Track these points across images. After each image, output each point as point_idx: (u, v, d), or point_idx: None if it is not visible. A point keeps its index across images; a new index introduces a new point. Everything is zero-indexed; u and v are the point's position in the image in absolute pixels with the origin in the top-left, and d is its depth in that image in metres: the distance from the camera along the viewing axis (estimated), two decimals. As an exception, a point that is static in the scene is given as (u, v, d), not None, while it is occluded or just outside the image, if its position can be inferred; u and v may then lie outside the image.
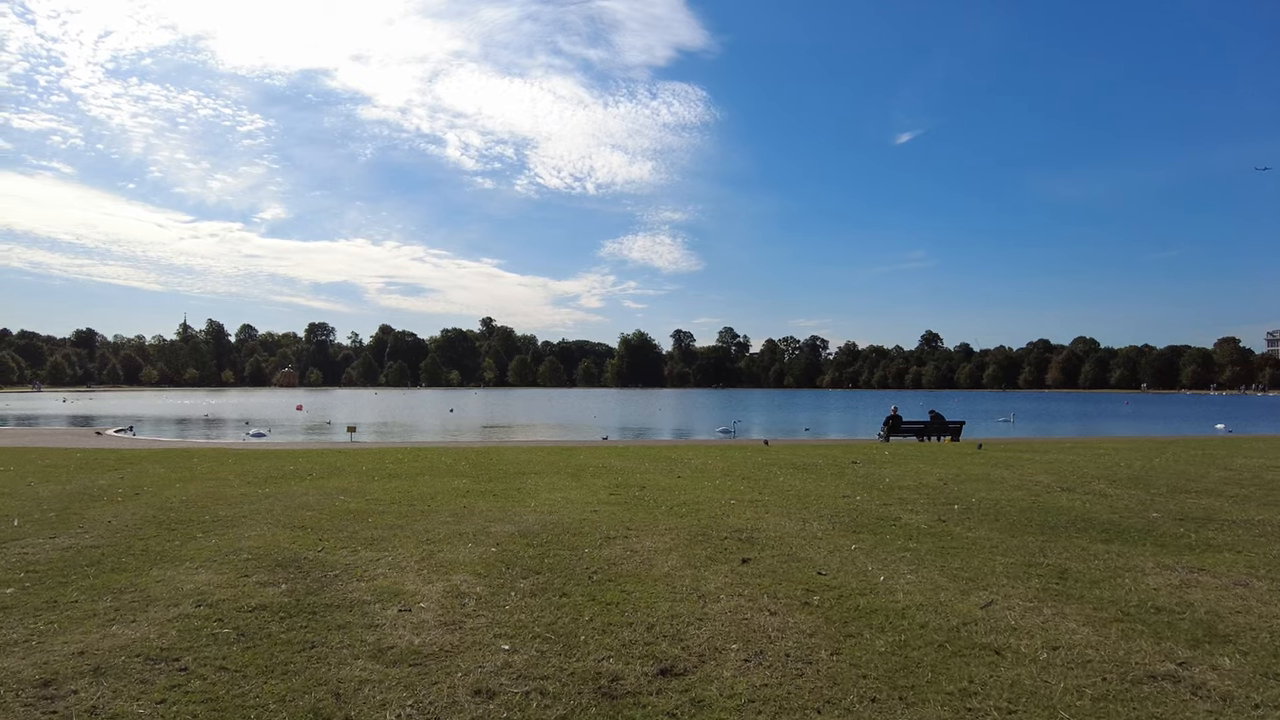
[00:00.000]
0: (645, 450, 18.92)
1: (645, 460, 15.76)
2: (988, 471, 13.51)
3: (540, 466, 14.30)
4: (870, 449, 19.66)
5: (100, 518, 8.63)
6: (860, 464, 14.94)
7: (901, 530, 8.04)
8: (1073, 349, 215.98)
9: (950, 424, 28.31)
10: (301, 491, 10.77)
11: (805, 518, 8.70)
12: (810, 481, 12.02)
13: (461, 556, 6.71)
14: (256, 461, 15.28)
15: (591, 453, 17.83)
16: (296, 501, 9.81)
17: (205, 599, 5.43)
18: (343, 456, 16.82)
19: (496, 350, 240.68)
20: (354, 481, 11.95)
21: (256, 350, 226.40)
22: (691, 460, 15.75)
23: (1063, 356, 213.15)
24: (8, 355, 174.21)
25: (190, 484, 11.67)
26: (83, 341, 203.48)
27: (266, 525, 8.18)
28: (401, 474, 13.01)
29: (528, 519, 8.52)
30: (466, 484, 11.67)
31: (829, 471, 13.51)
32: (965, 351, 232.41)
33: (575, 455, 17.05)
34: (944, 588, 5.82)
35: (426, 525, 8.17)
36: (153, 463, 15.01)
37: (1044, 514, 9.06)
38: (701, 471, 13.51)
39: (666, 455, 17.14)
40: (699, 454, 17.51)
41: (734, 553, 6.92)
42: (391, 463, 15.14)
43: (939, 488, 11.34)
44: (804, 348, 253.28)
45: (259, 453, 18.00)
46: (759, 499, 10.08)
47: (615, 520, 8.44)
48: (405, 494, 10.51)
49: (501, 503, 9.77)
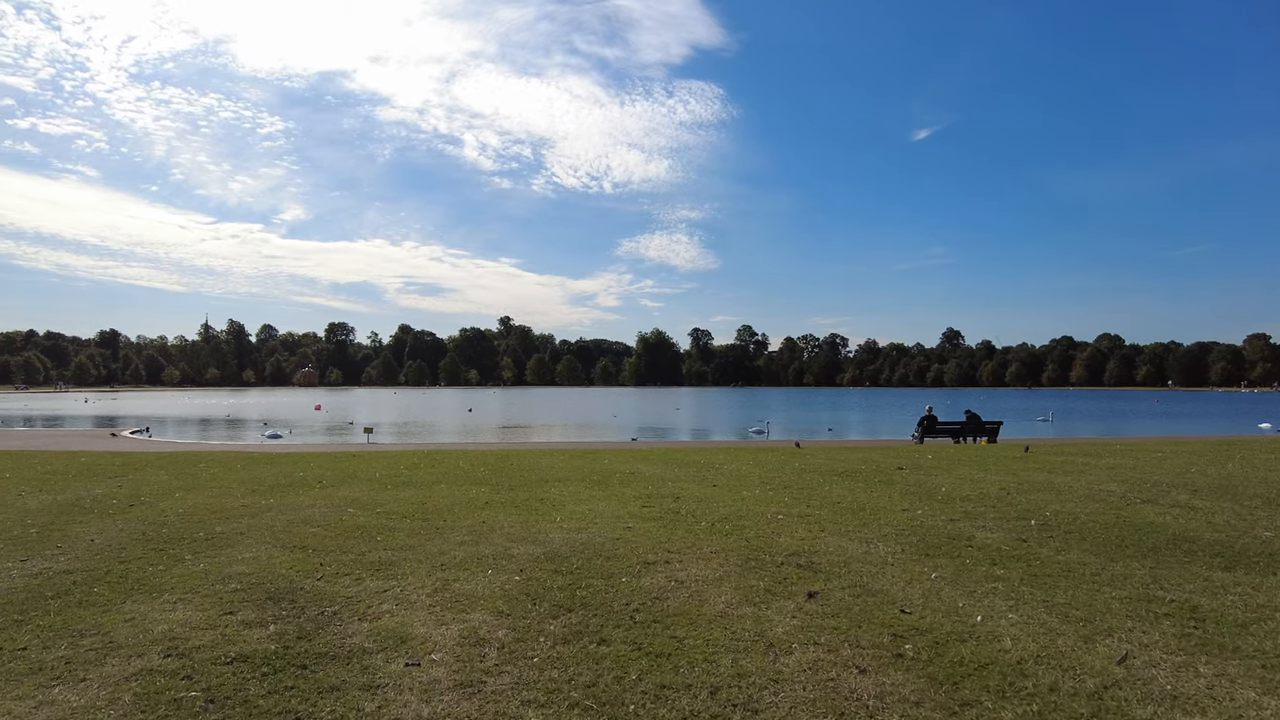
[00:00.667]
0: (672, 454, 17.97)
1: (674, 465, 14.82)
2: (1049, 479, 12.42)
3: (564, 473, 13.40)
4: (909, 452, 18.58)
5: (84, 535, 7.82)
6: (906, 470, 13.90)
7: (980, 552, 7.04)
8: (1097, 346, 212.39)
9: (987, 424, 27.16)
10: (308, 503, 9.94)
11: (867, 537, 7.71)
12: (860, 491, 11.02)
13: (480, 587, 5.80)
14: (265, 467, 14.51)
15: (616, 457, 16.91)
16: (301, 515, 8.97)
17: (177, 646, 4.56)
18: (357, 461, 16.02)
19: (514, 349, 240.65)
20: (365, 490, 11.11)
21: (277, 350, 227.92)
22: (723, 465, 14.79)
23: (1087, 354, 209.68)
24: (34, 356, 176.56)
25: (191, 493, 10.88)
26: (106, 342, 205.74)
27: (264, 545, 7.32)
28: (416, 481, 12.16)
29: (554, 538, 7.60)
30: (486, 493, 10.78)
31: (876, 479, 12.49)
32: (987, 349, 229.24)
33: (599, 459, 16.13)
34: (1058, 631, 4.83)
35: (441, 545, 7.27)
36: (157, 468, 14.28)
37: (1135, 531, 8.01)
38: (737, 479, 12.54)
39: (695, 459, 16.18)
40: (729, 458, 16.54)
41: (795, 583, 5.97)
42: (406, 468, 14.31)
43: (1003, 498, 10.30)
44: (823, 346, 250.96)
45: (270, 456, 17.26)
46: (809, 513, 9.09)
47: (652, 540, 7.51)
48: (419, 506, 9.63)
49: (524, 516, 8.86)
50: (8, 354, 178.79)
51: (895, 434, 35.52)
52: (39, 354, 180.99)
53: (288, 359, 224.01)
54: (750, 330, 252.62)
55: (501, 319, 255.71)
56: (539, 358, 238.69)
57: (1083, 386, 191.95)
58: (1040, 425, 40.28)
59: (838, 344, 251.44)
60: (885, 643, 4.67)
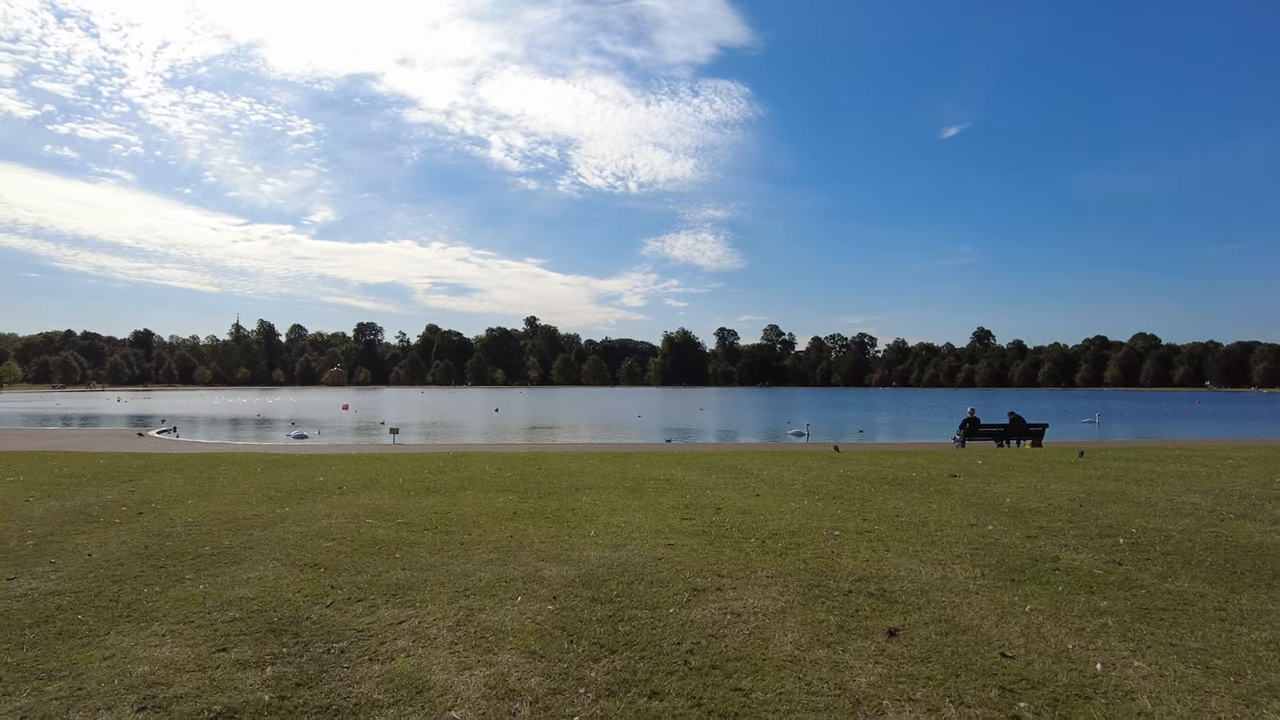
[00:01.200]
0: (706, 458, 17.18)
1: (710, 471, 14.04)
2: (1120, 488, 11.45)
3: (595, 478, 12.68)
4: (956, 457, 17.61)
5: (83, 548, 7.24)
6: (961, 477, 12.99)
7: (1071, 578, 6.18)
8: (1132, 345, 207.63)
9: (1031, 427, 26.00)
10: (325, 512, 9.31)
11: (939, 558, 6.88)
12: (917, 502, 10.15)
13: (509, 619, 5.09)
14: (285, 471, 13.97)
15: (649, 461, 16.16)
16: (316, 527, 8.33)
17: (156, 694, 3.89)
18: (380, 464, 15.45)
19: (540, 349, 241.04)
20: (387, 498, 10.47)
21: (306, 350, 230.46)
22: (762, 471, 13.98)
23: (1122, 353, 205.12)
24: (71, 356, 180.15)
25: (204, 500, 10.32)
26: (140, 342, 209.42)
27: (273, 561, 6.68)
28: (441, 488, 11.51)
29: (589, 556, 6.86)
30: (514, 502, 10.09)
31: (930, 488, 11.61)
32: (1019, 349, 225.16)
33: (631, 464, 15.39)
34: (1207, 689, 4.00)
35: (465, 564, 6.57)
36: (174, 472, 13.80)
37: (1245, 555, 7.08)
38: (780, 487, 11.73)
39: (731, 464, 15.39)
40: (767, 462, 15.72)
41: (870, 617, 5.17)
42: (431, 472, 13.69)
43: (1077, 511, 9.39)
44: (851, 345, 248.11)
45: (292, 459, 16.76)
46: (868, 529, 8.27)
47: (698, 560, 6.74)
48: (443, 516, 8.96)
49: (555, 529, 8.15)
50: (46, 354, 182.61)
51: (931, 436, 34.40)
52: (76, 354, 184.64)
53: (317, 359, 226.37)
54: (777, 330, 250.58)
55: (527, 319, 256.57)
56: (564, 358, 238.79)
57: (1118, 387, 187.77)
58: (1087, 427, 38.84)
59: (865, 344, 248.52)
60: (993, 698, 3.87)
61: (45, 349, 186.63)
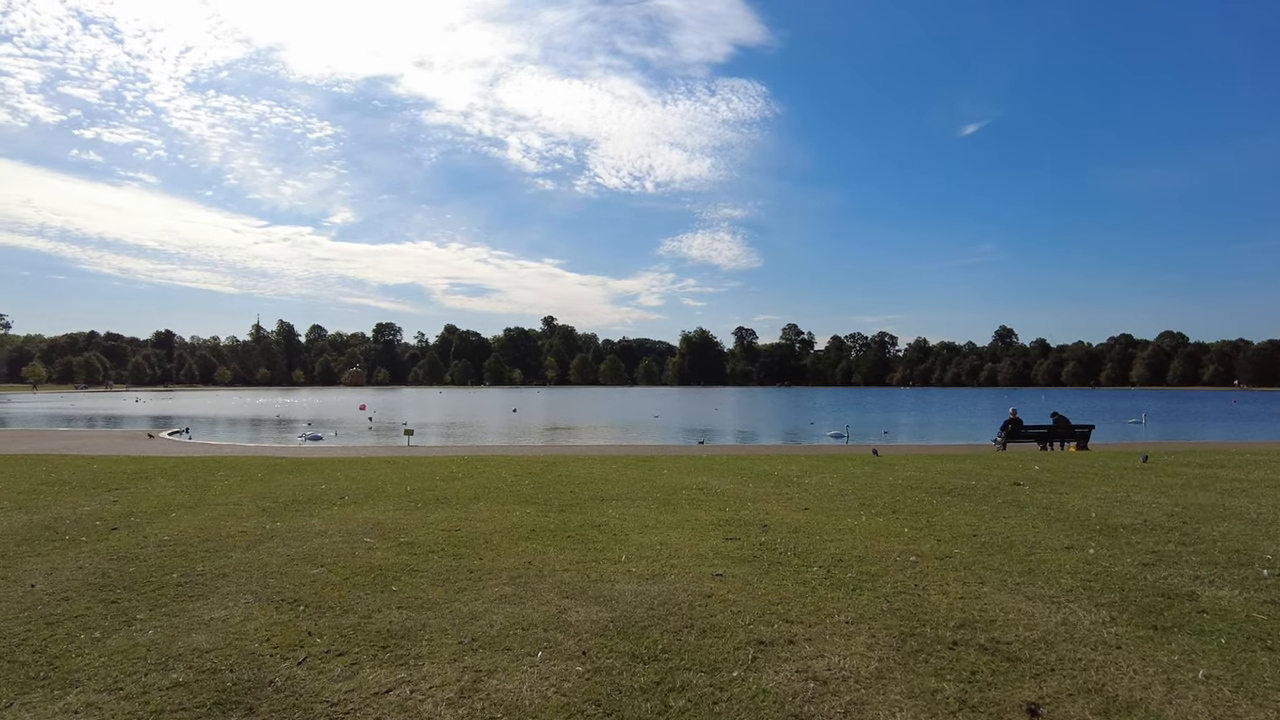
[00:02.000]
0: (738, 463, 15.97)
1: (746, 478, 12.85)
2: (1218, 501, 10.13)
3: (620, 487, 11.53)
4: (1007, 461, 16.29)
5: (31, 574, 6.20)
6: (1025, 485, 11.71)
7: (1231, 626, 4.93)
8: (1159, 344, 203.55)
9: (1077, 428, 24.58)
10: (320, 528, 8.23)
11: (1049, 594, 5.65)
12: (989, 517, 8.90)
13: (527, 689, 3.93)
14: (286, 478, 12.95)
15: (676, 466, 14.99)
16: (307, 548, 7.24)
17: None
18: (390, 469, 14.41)
19: (558, 349, 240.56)
20: (392, 511, 9.38)
21: (326, 350, 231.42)
22: (803, 479, 12.77)
23: (1148, 352, 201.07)
24: (93, 356, 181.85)
25: (190, 513, 9.28)
26: (161, 343, 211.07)
27: (245, 596, 5.59)
28: (452, 498, 10.41)
29: (622, 592, 5.71)
30: (532, 516, 8.96)
31: (997, 498, 10.34)
32: (1042, 347, 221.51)
33: (658, 469, 14.23)
34: None
35: (474, 603, 5.44)
36: (168, 478, 12.82)
37: None
38: (829, 498, 10.51)
39: (767, 470, 14.19)
40: (806, 468, 14.50)
41: (993, 683, 3.97)
42: (443, 479, 12.61)
43: (1181, 529, 8.10)
44: (871, 344, 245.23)
45: (297, 464, 15.76)
46: (945, 552, 7.04)
47: (756, 598, 5.56)
48: (451, 535, 7.84)
49: (580, 553, 7.00)
50: (71, 355, 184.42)
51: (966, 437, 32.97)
52: (99, 355, 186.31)
53: (336, 359, 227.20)
54: (796, 329, 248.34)
55: (545, 319, 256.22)
56: (582, 357, 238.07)
57: (1145, 386, 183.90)
58: (1132, 428, 37.16)
59: (886, 343, 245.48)
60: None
61: (70, 350, 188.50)
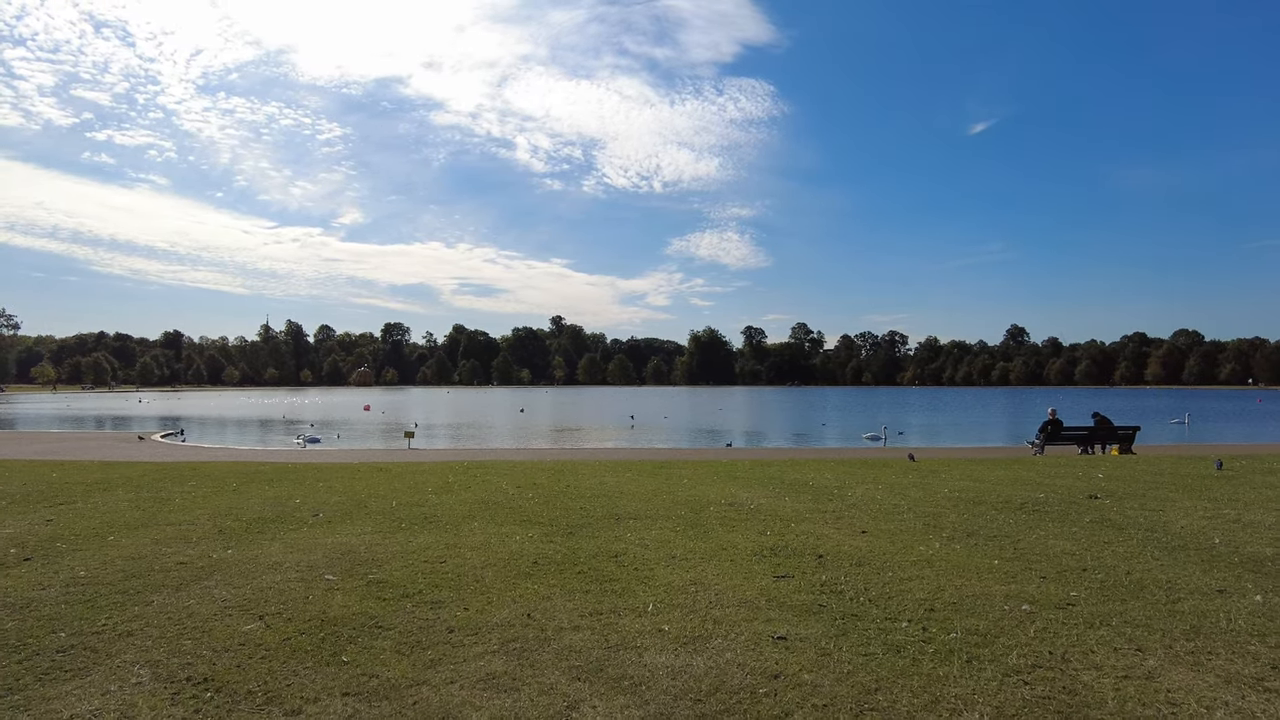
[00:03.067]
0: (766, 469, 14.43)
1: (779, 489, 11.32)
2: (1347, 521, 8.55)
3: (638, 501, 10.03)
4: (1060, 467, 14.70)
5: (-120, 632, 4.75)
6: (1103, 499, 10.15)
7: None
8: (1174, 342, 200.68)
9: (1120, 430, 22.96)
10: (277, 558, 6.76)
11: (1250, 675, 4.11)
12: (1086, 542, 7.33)
13: None
14: (260, 489, 11.49)
15: (697, 474, 13.48)
16: (251, 589, 5.77)
17: None
18: (380, 479, 12.96)
19: (566, 349, 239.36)
20: (368, 534, 7.91)
21: (334, 350, 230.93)
22: (844, 490, 11.23)
23: (1163, 351, 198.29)
24: (101, 357, 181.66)
25: (132, 535, 7.83)
26: (170, 343, 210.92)
27: (140, 671, 4.11)
28: (442, 516, 8.92)
29: (655, 669, 4.18)
30: (535, 543, 7.46)
31: (1083, 516, 8.77)
32: (1054, 346, 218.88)
33: (677, 478, 12.72)
34: None
35: (448, 689, 3.94)
36: (128, 489, 11.39)
37: None
38: (883, 515, 8.97)
39: (800, 478, 12.66)
40: (843, 476, 12.96)
41: None
42: (436, 490, 11.15)
43: (1335, 561, 6.54)
44: (881, 343, 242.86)
45: (279, 470, 14.32)
46: (1062, 596, 5.46)
47: (841, 677, 4.03)
48: (434, 569, 6.35)
49: (594, 597, 5.50)
50: (80, 355, 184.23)
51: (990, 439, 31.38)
52: (107, 355, 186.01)
53: (344, 359, 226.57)
54: (805, 328, 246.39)
55: (553, 318, 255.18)
56: (590, 357, 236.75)
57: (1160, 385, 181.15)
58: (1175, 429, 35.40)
59: (896, 342, 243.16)
60: None
61: (79, 350, 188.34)
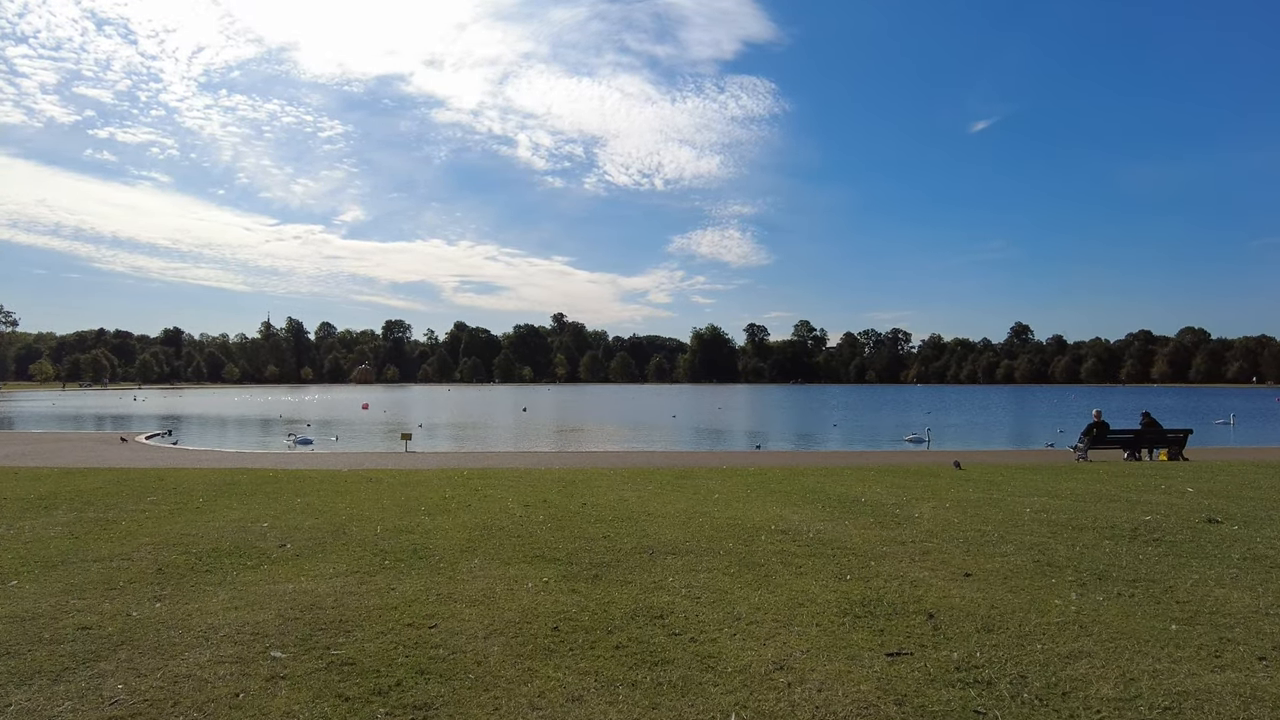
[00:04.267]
0: (803, 479, 12.80)
1: (830, 508, 9.68)
2: None
3: (671, 526, 8.40)
4: (1135, 477, 13.07)
5: None
6: (1222, 521, 8.53)
7: None
8: (1180, 340, 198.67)
9: (1170, 433, 21.25)
10: (213, 619, 5.13)
11: None
12: (1267, 593, 5.71)
13: None
14: (226, 508, 9.86)
15: (731, 487, 11.84)
16: (160, 677, 4.13)
17: None
18: (368, 492, 11.35)
19: (568, 346, 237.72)
20: (341, 576, 6.28)
21: (335, 347, 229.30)
22: (907, 510, 9.59)
23: (1169, 349, 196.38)
24: (101, 354, 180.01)
25: (42, 577, 6.20)
26: (170, 340, 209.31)
27: None
28: (435, 550, 7.29)
29: None
30: (553, 592, 5.81)
31: (1226, 549, 7.12)
32: (1059, 344, 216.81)
33: (707, 491, 11.09)
34: None
35: None
36: (72, 507, 9.76)
37: None
38: (973, 547, 7.32)
39: (847, 493, 11.03)
40: (895, 489, 11.33)
41: None
42: (430, 510, 9.54)
43: None
44: (885, 341, 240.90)
45: (254, 481, 12.70)
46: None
47: None
48: (420, 639, 4.70)
49: (646, 697, 3.87)
50: (79, 352, 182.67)
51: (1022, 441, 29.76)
52: (106, 352, 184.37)
53: (345, 356, 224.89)
54: (808, 325, 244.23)
55: (555, 316, 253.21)
56: (592, 354, 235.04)
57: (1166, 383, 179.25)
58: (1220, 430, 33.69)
59: (900, 339, 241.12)
60: None
61: (78, 348, 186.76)
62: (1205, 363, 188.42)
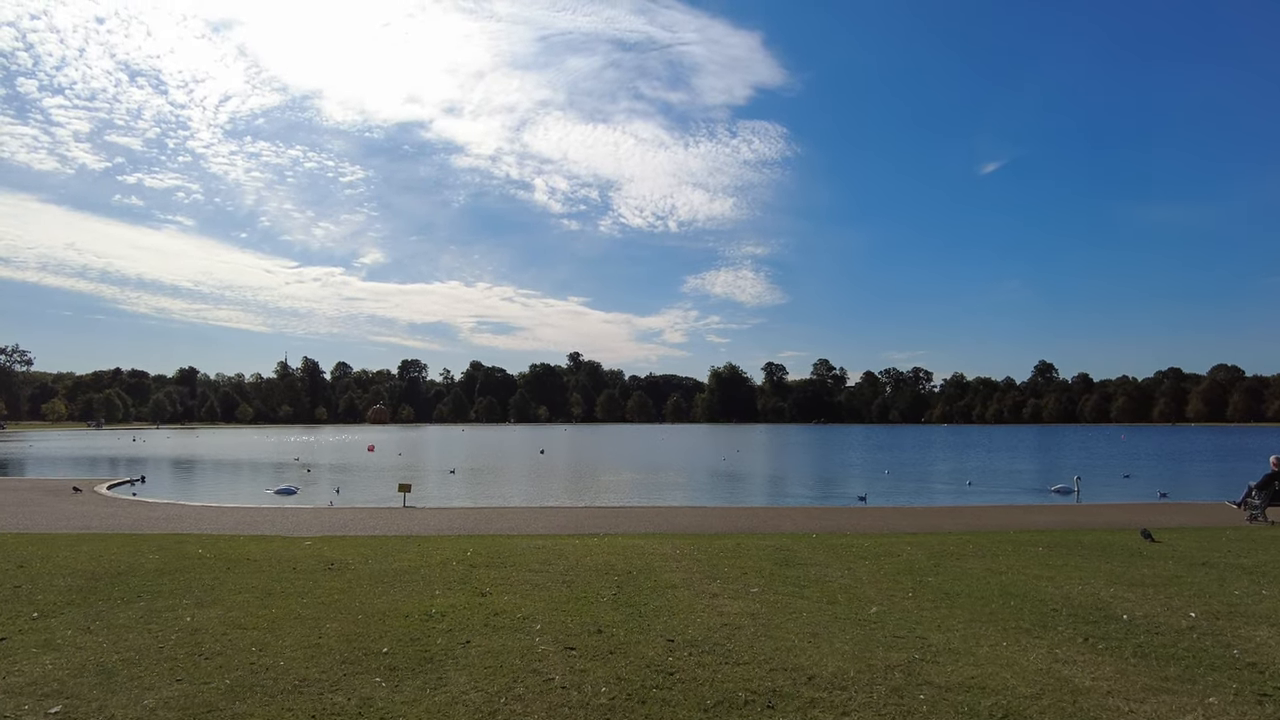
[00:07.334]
0: (964, 565, 8.65)
1: (1072, 635, 5.57)
2: None
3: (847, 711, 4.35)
4: None
5: None
6: None
7: None
8: (1214, 377, 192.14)
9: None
10: None
11: None
12: None
13: None
14: (119, 612, 5.88)
15: (880, 580, 7.74)
16: None
17: None
18: (312, 600, 7.36)
19: (584, 385, 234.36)
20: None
21: (351, 387, 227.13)
22: (1165, 627, 5.46)
23: (1203, 386, 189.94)
24: (114, 393, 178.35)
25: None
26: (184, 379, 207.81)
27: None
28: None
29: None
30: None
31: None
32: (1085, 382, 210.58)
33: (847, 592, 7.01)
34: None
35: None
36: None
37: None
38: None
39: (1063, 595, 6.90)
40: (1108, 581, 7.21)
41: None
42: (392, 663, 5.53)
43: None
44: (907, 380, 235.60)
45: (168, 565, 8.72)
46: None
47: None
48: None
49: None
50: (94, 391, 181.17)
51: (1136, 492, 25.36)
52: (120, 391, 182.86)
53: (361, 396, 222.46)
54: (828, 364, 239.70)
55: (571, 355, 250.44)
56: (609, 394, 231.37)
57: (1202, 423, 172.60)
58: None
59: (921, 378, 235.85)
60: None
61: (94, 387, 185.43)
62: (1243, 400, 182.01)
